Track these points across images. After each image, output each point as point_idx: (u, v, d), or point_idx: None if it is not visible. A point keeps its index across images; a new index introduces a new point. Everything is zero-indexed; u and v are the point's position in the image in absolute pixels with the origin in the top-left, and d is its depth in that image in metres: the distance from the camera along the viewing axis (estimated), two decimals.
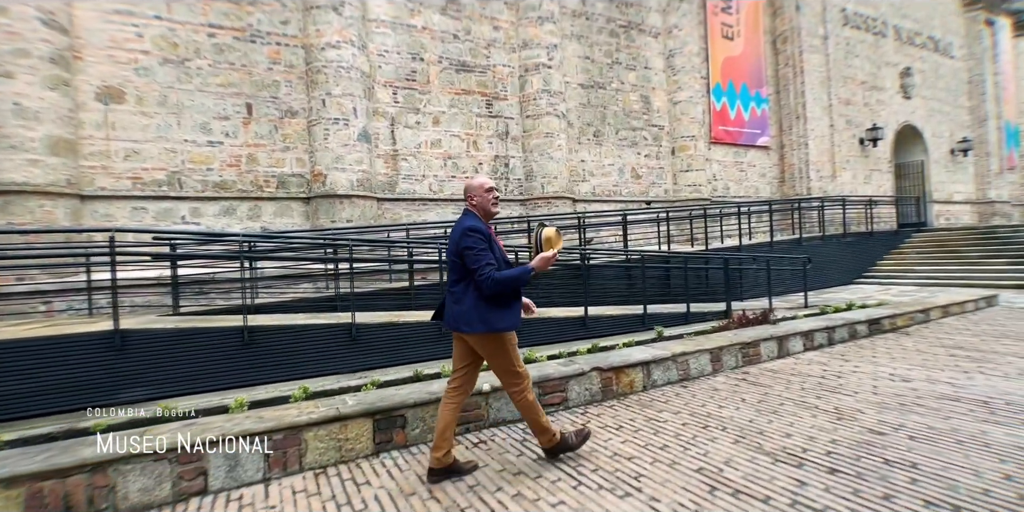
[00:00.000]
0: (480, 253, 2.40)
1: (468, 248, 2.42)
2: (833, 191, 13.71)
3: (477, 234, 2.45)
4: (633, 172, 11.38)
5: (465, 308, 2.46)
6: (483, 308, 2.44)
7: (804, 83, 13.26)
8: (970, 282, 9.42)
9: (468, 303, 2.46)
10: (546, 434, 2.63)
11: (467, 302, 2.47)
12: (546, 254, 2.44)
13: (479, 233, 2.46)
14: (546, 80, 9.78)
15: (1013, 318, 6.07)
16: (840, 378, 3.96)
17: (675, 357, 4.14)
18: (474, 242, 2.42)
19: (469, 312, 2.45)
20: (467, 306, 2.46)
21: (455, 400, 2.62)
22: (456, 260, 2.51)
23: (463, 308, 2.47)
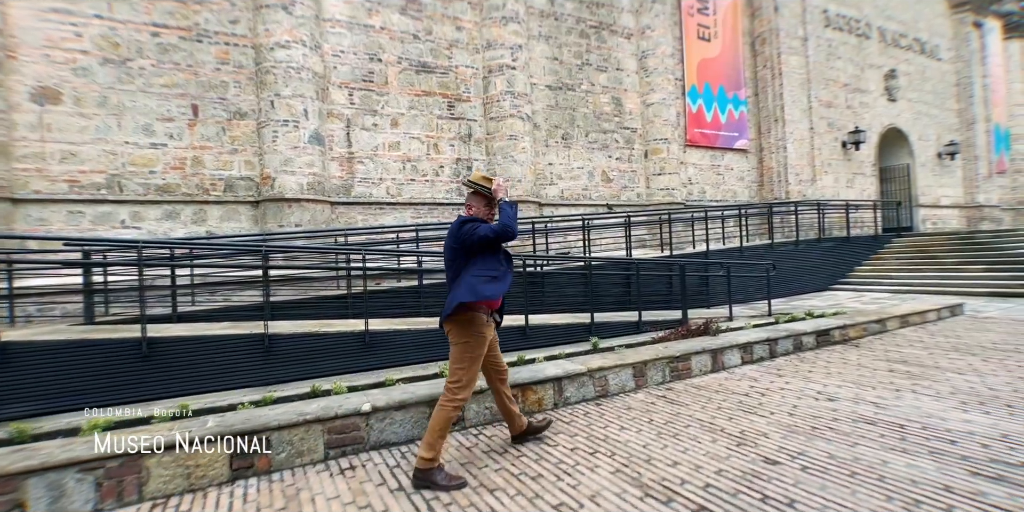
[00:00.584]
0: (479, 228, 2.63)
1: (468, 229, 2.63)
2: (813, 195, 13.46)
3: (478, 220, 2.71)
4: (604, 175, 11.15)
5: (458, 291, 2.64)
6: (472, 283, 2.63)
7: (783, 85, 13.03)
8: (944, 289, 9.16)
9: (462, 285, 2.65)
10: (429, 452, 2.51)
11: (461, 285, 2.65)
12: (498, 182, 2.76)
13: (476, 220, 2.71)
14: (510, 81, 9.56)
15: (973, 329, 5.81)
16: (764, 396, 3.71)
17: (591, 373, 3.89)
18: (476, 224, 2.65)
19: (461, 290, 2.62)
20: (460, 288, 2.64)
21: (497, 385, 2.96)
22: (457, 248, 2.69)
23: (455, 292, 2.66)
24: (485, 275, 2.68)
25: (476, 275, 2.66)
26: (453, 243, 2.70)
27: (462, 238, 2.65)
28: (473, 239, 2.63)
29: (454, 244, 2.70)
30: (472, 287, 2.61)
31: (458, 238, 2.67)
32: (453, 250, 2.72)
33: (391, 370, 4.86)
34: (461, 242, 2.66)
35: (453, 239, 2.70)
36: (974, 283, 9.06)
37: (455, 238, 2.69)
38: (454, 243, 2.70)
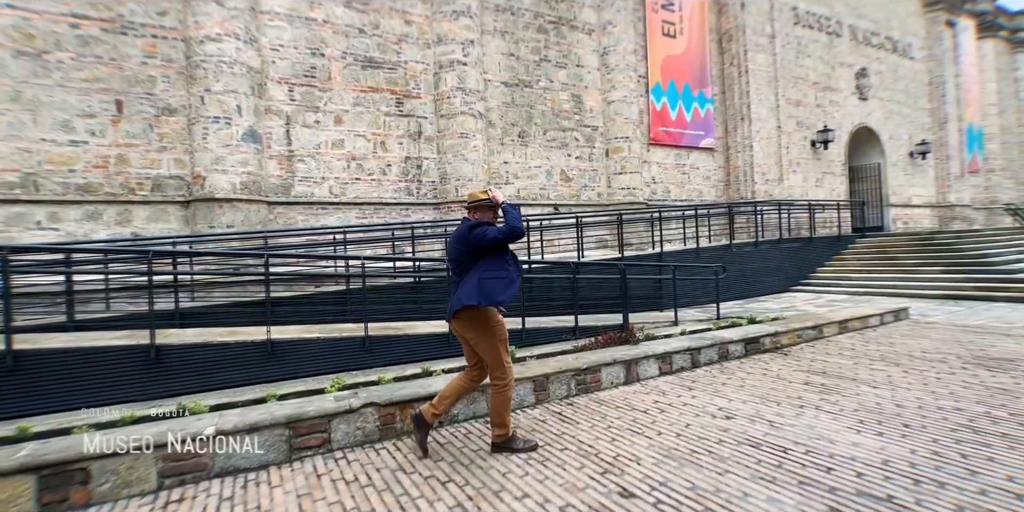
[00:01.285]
0: (489, 234, 2.76)
1: (479, 232, 2.77)
2: (780, 195, 13.33)
3: (482, 225, 2.82)
4: (563, 175, 10.91)
5: (467, 289, 2.78)
6: (483, 286, 2.76)
7: (749, 83, 12.85)
8: (900, 291, 9.03)
9: (471, 284, 2.78)
10: (502, 429, 2.90)
11: (470, 284, 2.79)
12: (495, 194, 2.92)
13: (484, 224, 2.83)
14: (461, 78, 9.28)
15: (910, 335, 5.65)
16: (662, 413, 3.49)
17: (483, 388, 3.65)
18: (484, 227, 2.79)
19: (470, 290, 2.76)
20: (469, 287, 2.78)
21: (471, 377, 3.06)
22: (463, 249, 2.85)
23: (465, 289, 2.79)
24: (495, 276, 2.82)
25: (486, 278, 2.80)
26: (462, 246, 2.86)
27: (472, 241, 2.80)
28: (483, 242, 2.79)
29: (463, 247, 2.86)
30: (484, 290, 2.76)
31: (468, 241, 2.82)
32: (460, 252, 2.88)
33: (294, 382, 4.60)
34: (471, 245, 2.81)
35: (462, 242, 2.85)
36: (930, 285, 8.94)
37: (464, 241, 2.84)
38: (463, 246, 2.85)
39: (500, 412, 2.90)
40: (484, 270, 2.81)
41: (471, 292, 2.75)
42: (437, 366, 4.70)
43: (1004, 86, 22.45)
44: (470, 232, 2.81)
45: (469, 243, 2.82)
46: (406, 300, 6.71)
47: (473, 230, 2.81)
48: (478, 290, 2.74)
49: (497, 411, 2.90)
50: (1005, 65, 22.58)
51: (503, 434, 2.90)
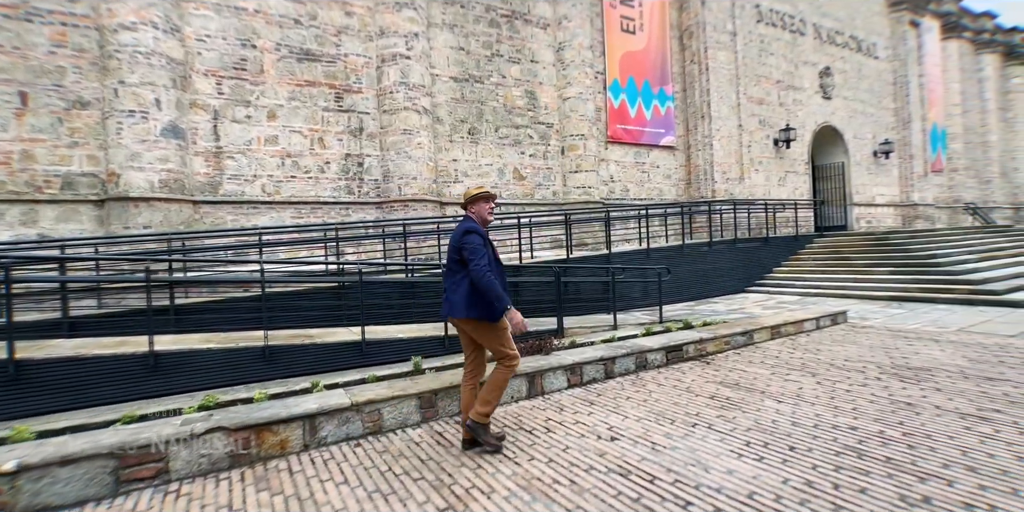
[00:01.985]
0: (477, 249, 2.90)
1: (468, 244, 2.92)
2: (741, 194, 13.23)
3: (476, 234, 2.96)
4: (516, 173, 10.64)
5: (460, 297, 2.95)
6: (478, 298, 2.91)
7: (709, 81, 12.69)
8: (850, 293, 8.94)
9: (464, 293, 2.94)
10: (486, 407, 2.95)
11: (462, 292, 2.94)
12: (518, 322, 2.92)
13: (478, 234, 2.97)
14: (404, 72, 8.94)
15: (840, 341, 5.49)
16: (548, 433, 3.24)
17: (359, 406, 3.36)
18: (473, 240, 2.93)
19: (467, 300, 2.93)
20: (462, 295, 2.94)
21: (471, 382, 3.13)
22: (455, 256, 3.01)
23: (459, 297, 2.95)
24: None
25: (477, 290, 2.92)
26: (454, 253, 3.04)
27: (461, 249, 2.96)
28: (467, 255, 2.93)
29: (454, 254, 3.03)
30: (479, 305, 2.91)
31: (458, 250, 2.99)
32: (457, 251, 3.01)
33: (177, 398, 4.27)
34: (459, 254, 2.98)
35: (455, 248, 3.02)
36: (879, 286, 8.87)
37: (456, 248, 3.01)
38: (454, 253, 3.03)
39: (495, 387, 2.99)
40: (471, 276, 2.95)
41: (468, 302, 2.92)
42: (338, 378, 4.41)
43: (968, 87, 22.74)
44: (462, 237, 2.97)
45: (457, 250, 3.00)
46: (328, 306, 6.38)
47: (466, 236, 2.96)
48: (474, 301, 2.92)
49: (492, 386, 2.99)
50: (969, 66, 22.87)
51: (484, 414, 2.95)
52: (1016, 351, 4.66)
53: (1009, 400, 3.39)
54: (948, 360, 4.46)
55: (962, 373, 4.06)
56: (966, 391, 3.61)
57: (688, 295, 9.87)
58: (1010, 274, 8.52)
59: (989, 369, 4.13)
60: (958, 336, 5.40)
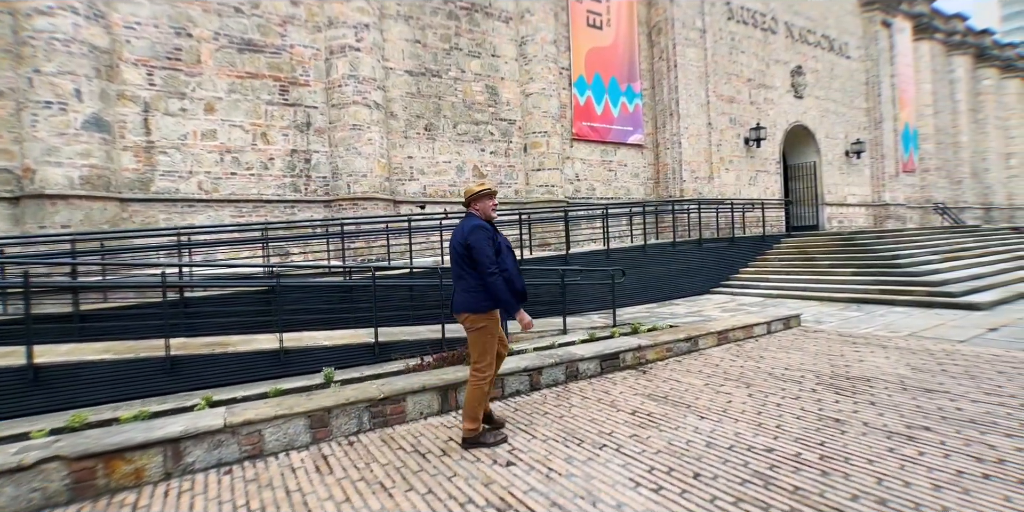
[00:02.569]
0: (485, 249, 2.90)
1: (476, 243, 2.91)
2: (711, 193, 13.05)
3: (483, 230, 2.95)
4: (476, 171, 10.31)
5: (460, 293, 3.01)
6: (474, 295, 2.97)
7: (678, 78, 12.48)
8: (812, 294, 8.78)
9: (464, 288, 3.00)
10: (472, 424, 2.98)
11: (463, 288, 3.00)
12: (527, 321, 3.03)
13: (485, 229, 2.96)
14: (353, 64, 8.56)
15: (788, 348, 5.27)
16: (442, 457, 2.93)
17: (235, 428, 3.02)
18: (481, 237, 2.92)
19: (465, 295, 2.99)
20: (463, 291, 3.00)
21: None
22: (464, 252, 2.97)
23: (459, 294, 3.02)
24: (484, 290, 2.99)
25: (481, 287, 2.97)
26: (461, 249, 3.00)
27: (469, 247, 2.95)
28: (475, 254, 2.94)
29: (461, 250, 2.99)
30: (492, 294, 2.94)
31: (465, 247, 2.97)
32: (464, 246, 2.98)
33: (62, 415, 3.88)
34: (467, 250, 2.96)
35: (460, 244, 2.99)
36: (841, 287, 8.71)
37: (463, 245, 2.98)
38: (461, 249, 2.99)
39: (473, 405, 2.99)
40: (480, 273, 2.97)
41: (465, 299, 2.98)
42: (244, 391, 4.06)
43: (940, 88, 22.92)
44: (469, 234, 2.95)
45: (464, 247, 2.96)
46: (258, 311, 6.00)
47: (474, 232, 2.94)
48: (471, 298, 2.96)
49: (471, 404, 2.99)
50: (941, 67, 23.05)
51: (473, 429, 2.99)
52: (961, 359, 4.46)
53: (942, 415, 3.16)
54: (890, 369, 4.24)
55: (901, 384, 3.84)
56: (900, 405, 3.37)
57: (651, 297, 9.63)
58: (970, 275, 8.42)
59: (929, 379, 3.92)
60: (907, 342, 5.20)
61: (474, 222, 3.00)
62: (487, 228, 2.99)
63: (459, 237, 2.99)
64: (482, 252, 2.90)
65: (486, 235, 2.94)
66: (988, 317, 6.32)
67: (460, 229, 3.03)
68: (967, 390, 3.62)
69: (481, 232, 2.93)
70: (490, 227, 3.02)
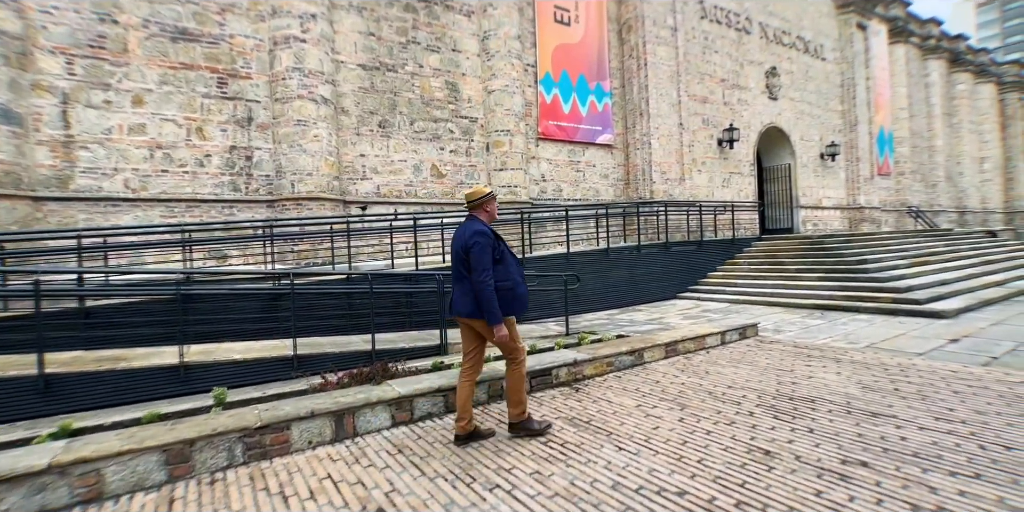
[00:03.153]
0: (483, 256, 2.96)
1: (475, 249, 2.96)
2: (682, 195, 12.76)
3: (485, 236, 3.01)
4: (434, 170, 9.88)
5: (471, 298, 3.02)
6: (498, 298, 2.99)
7: (648, 77, 12.17)
8: (777, 300, 8.50)
9: (473, 294, 3.01)
10: (519, 408, 3.14)
11: (470, 291, 3.03)
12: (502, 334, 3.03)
13: (487, 235, 3.03)
14: (299, 56, 8.08)
15: (739, 361, 4.92)
16: (292, 498, 2.50)
17: (65, 468, 2.56)
18: (481, 244, 2.97)
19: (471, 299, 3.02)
20: (471, 295, 3.02)
21: (470, 378, 3.20)
22: (464, 256, 3.03)
23: (470, 298, 3.03)
24: (501, 286, 3.02)
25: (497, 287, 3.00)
26: (462, 253, 3.03)
27: (469, 252, 2.99)
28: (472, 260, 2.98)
29: (463, 254, 3.02)
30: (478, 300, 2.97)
31: (466, 251, 3.00)
32: (465, 250, 3.02)
33: None
34: (467, 255, 3.00)
35: (461, 248, 3.03)
36: (808, 293, 8.43)
37: (464, 249, 3.01)
38: (463, 253, 3.02)
39: (517, 389, 3.12)
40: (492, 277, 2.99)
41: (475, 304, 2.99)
42: (113, 417, 3.60)
43: (916, 91, 22.99)
44: (470, 238, 2.98)
45: (465, 251, 3.00)
46: (167, 322, 5.49)
47: (475, 236, 2.97)
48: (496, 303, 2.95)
49: (515, 389, 3.13)
50: (916, 71, 23.13)
51: (520, 413, 3.12)
52: (916, 375, 4.15)
53: (883, 447, 2.80)
54: (839, 388, 3.90)
55: (847, 406, 3.49)
56: (840, 434, 3.02)
57: (614, 302, 9.29)
58: (937, 281, 8.19)
59: (879, 401, 3.58)
60: (863, 354, 4.88)
61: (477, 227, 3.05)
62: (488, 235, 3.03)
63: (461, 241, 3.04)
64: (478, 259, 2.94)
65: (487, 242, 2.98)
66: (951, 327, 6.05)
67: (462, 232, 3.08)
68: (916, 414, 3.29)
69: (482, 239, 2.98)
70: (491, 234, 3.06)
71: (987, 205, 27.20)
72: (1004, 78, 28.69)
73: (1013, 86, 28.86)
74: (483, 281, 2.92)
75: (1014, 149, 29.32)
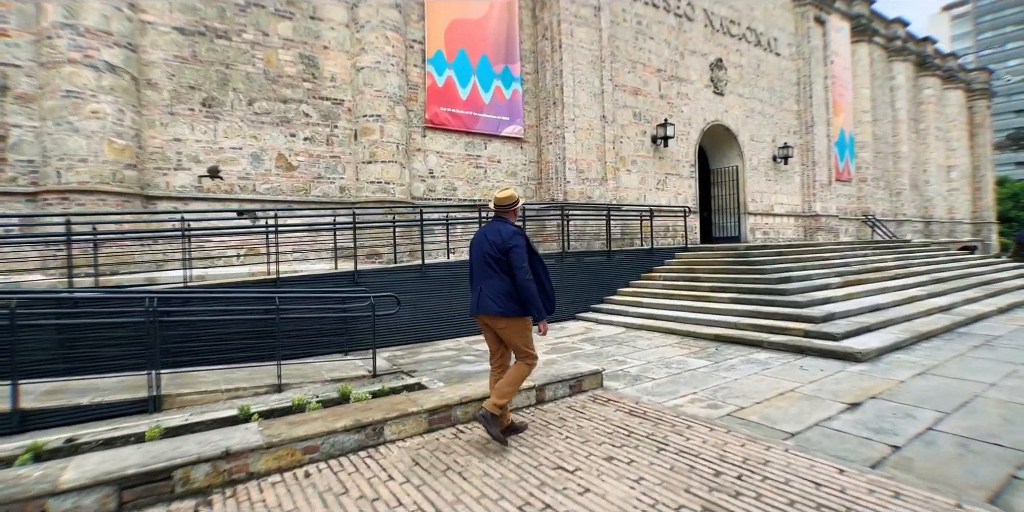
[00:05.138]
0: (524, 256, 3.13)
1: (516, 249, 3.13)
2: (604, 197, 11.19)
3: (523, 237, 3.21)
4: (282, 160, 8.15)
5: (497, 296, 3.15)
6: (514, 297, 3.15)
7: (563, 61, 10.59)
8: (676, 327, 6.92)
9: (502, 291, 3.14)
10: (503, 399, 3.12)
11: (500, 291, 3.15)
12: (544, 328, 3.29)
13: (524, 237, 3.23)
14: (71, 10, 6.31)
15: (500, 453, 3.27)
16: None
17: None
18: (521, 244, 3.15)
19: (504, 298, 3.14)
20: (500, 294, 3.14)
21: (498, 374, 3.37)
22: (501, 257, 3.16)
23: (496, 296, 3.15)
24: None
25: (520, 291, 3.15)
26: (499, 254, 3.16)
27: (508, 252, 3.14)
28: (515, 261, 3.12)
29: (500, 255, 3.16)
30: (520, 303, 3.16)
31: (504, 252, 3.15)
32: (503, 250, 3.15)
33: None
34: (506, 255, 3.15)
35: (500, 249, 3.16)
36: (713, 319, 6.87)
37: (501, 251, 3.16)
38: (500, 254, 3.16)
39: (513, 381, 3.17)
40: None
41: (507, 302, 3.12)
42: None
43: (880, 94, 21.86)
44: (510, 239, 3.14)
45: (503, 252, 3.14)
46: None
47: (515, 237, 3.15)
48: (512, 302, 3.13)
49: (511, 380, 3.16)
50: (882, 72, 22.01)
51: (500, 404, 3.11)
52: (755, 489, 2.54)
53: None
54: None
55: None
56: None
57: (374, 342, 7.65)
58: (868, 306, 6.69)
59: None
60: (711, 433, 3.27)
61: (513, 228, 3.22)
62: (525, 236, 3.21)
63: (498, 239, 3.16)
64: (520, 258, 3.09)
65: (526, 243, 3.18)
66: (862, 378, 4.49)
67: (497, 233, 3.19)
68: None
69: (523, 239, 3.16)
70: (527, 236, 3.23)
71: (954, 215, 26.23)
72: (973, 85, 27.86)
73: (982, 93, 28.04)
74: (528, 279, 3.06)
75: (982, 158, 28.48)
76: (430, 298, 7.32)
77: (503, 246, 3.10)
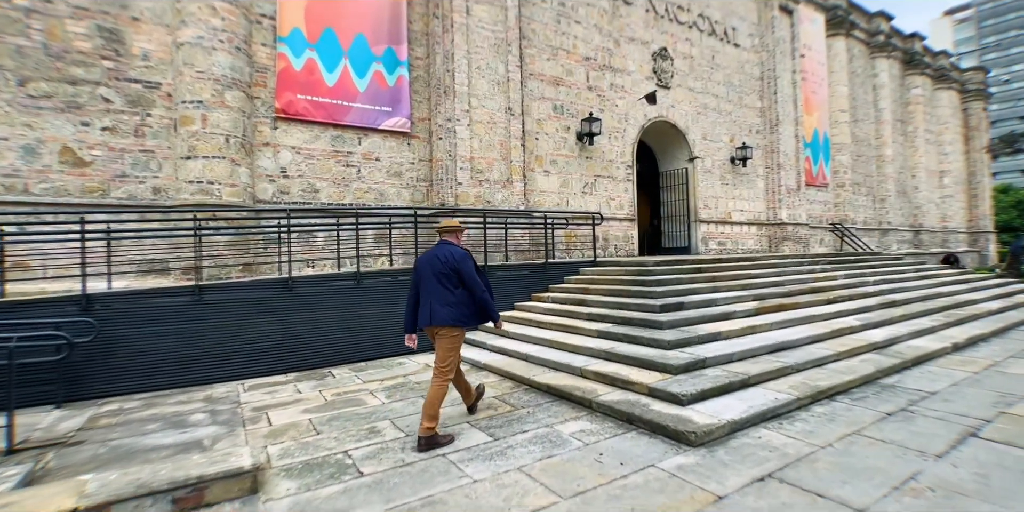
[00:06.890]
0: (475, 274, 3.67)
1: (468, 269, 3.64)
2: (512, 202, 9.62)
3: (472, 260, 3.72)
4: (70, 154, 6.67)
5: (450, 308, 3.58)
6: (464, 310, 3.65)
7: (455, 43, 9.08)
8: (511, 370, 5.32)
9: (454, 302, 3.60)
10: (432, 422, 3.43)
11: (452, 303, 3.60)
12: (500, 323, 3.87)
13: (471, 259, 3.72)
14: None
15: None
16: None
17: None
18: (471, 265, 3.67)
19: (456, 311, 3.60)
20: (452, 306, 3.59)
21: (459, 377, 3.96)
22: (452, 274, 3.62)
23: (448, 309, 3.58)
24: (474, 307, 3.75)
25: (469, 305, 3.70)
26: (450, 271, 3.62)
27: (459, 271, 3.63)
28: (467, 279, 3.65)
29: (450, 272, 3.62)
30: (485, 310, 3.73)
31: (455, 270, 3.62)
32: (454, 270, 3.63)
33: None
34: (458, 274, 3.63)
35: (451, 267, 3.61)
36: (564, 362, 5.25)
37: (453, 269, 3.62)
38: (451, 271, 3.62)
39: (436, 404, 3.48)
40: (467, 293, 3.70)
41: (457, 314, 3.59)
42: None
43: (862, 92, 20.22)
44: (463, 261, 3.65)
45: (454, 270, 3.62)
46: None
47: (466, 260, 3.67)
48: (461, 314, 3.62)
49: (431, 403, 3.47)
50: (863, 69, 20.38)
51: (431, 427, 3.41)
52: None
53: None
54: None
55: None
56: None
57: (307, 360, 6.09)
58: (769, 345, 5.06)
59: None
60: None
61: (463, 252, 3.72)
62: (472, 257, 3.74)
63: (450, 261, 3.62)
64: (472, 276, 3.63)
65: (474, 263, 3.70)
66: (666, 484, 2.88)
67: (448, 254, 3.67)
68: None
69: (471, 261, 3.68)
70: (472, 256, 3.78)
71: (948, 224, 24.45)
72: (968, 86, 26.13)
73: (977, 95, 26.30)
74: (485, 291, 3.65)
75: (978, 163, 26.69)
76: (208, 329, 5.76)
77: (455, 266, 3.60)
